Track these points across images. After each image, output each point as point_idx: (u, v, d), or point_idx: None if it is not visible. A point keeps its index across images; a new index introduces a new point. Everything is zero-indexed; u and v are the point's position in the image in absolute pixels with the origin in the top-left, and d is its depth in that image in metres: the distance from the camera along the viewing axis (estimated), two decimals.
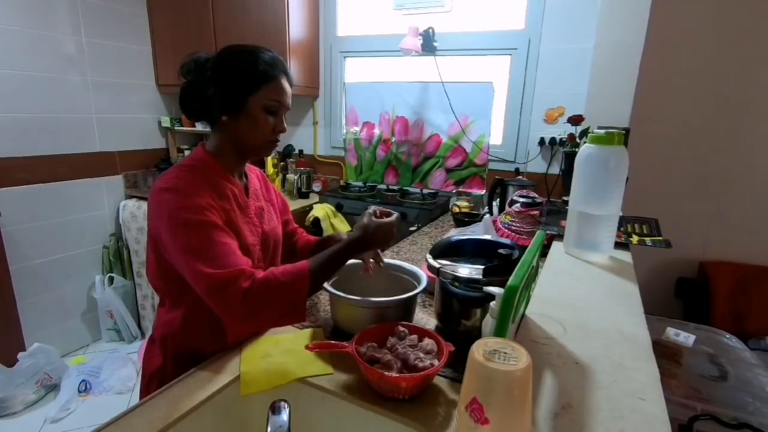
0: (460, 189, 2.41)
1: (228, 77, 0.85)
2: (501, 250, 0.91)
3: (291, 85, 0.92)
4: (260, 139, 0.89)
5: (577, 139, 1.96)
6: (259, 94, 0.86)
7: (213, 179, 0.87)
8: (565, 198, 1.95)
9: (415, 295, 0.89)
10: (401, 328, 0.80)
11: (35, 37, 2.14)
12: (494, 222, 1.45)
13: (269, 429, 0.50)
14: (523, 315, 0.91)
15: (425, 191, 2.49)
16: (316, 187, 2.75)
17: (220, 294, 0.74)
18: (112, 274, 2.57)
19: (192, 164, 0.87)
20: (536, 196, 1.50)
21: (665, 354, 1.44)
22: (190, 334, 0.87)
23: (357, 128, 2.69)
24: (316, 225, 2.32)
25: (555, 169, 2.23)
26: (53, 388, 2.13)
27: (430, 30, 2.30)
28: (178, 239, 0.77)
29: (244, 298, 0.74)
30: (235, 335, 0.88)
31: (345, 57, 2.67)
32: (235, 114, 0.87)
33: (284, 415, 0.51)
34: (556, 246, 1.35)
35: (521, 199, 1.44)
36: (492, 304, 0.71)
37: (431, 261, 0.91)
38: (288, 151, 2.80)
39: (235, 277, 0.74)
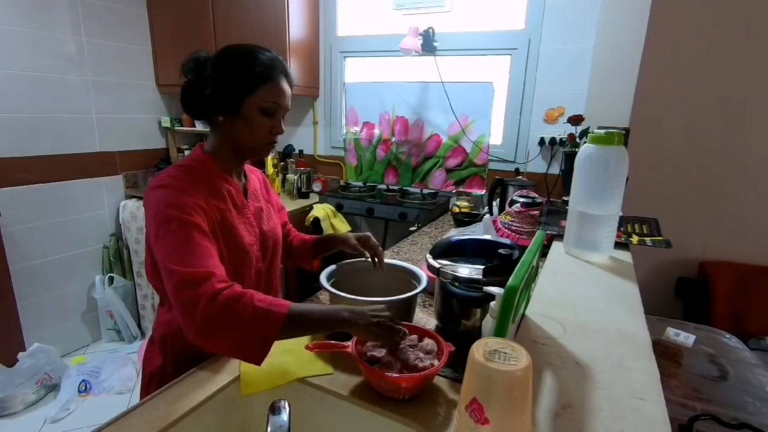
0: (460, 189, 2.41)
1: (224, 78, 0.85)
2: (501, 250, 0.91)
3: (291, 86, 0.91)
4: (256, 140, 0.88)
5: (577, 139, 1.96)
6: (256, 95, 0.85)
7: (209, 179, 0.87)
8: (565, 198, 1.95)
9: (415, 295, 0.89)
10: None
11: (35, 37, 2.14)
12: (494, 222, 1.45)
13: (269, 429, 0.50)
14: (523, 315, 0.91)
15: (425, 191, 2.49)
16: (316, 187, 2.75)
17: (187, 290, 0.68)
18: (112, 274, 2.57)
19: (189, 164, 0.87)
20: (536, 196, 1.50)
21: (665, 354, 1.44)
22: None
23: (357, 128, 2.68)
24: (316, 225, 2.32)
25: (555, 169, 2.22)
26: (53, 388, 2.13)
27: (430, 30, 2.30)
28: (158, 234, 0.75)
29: (212, 300, 0.67)
30: None
31: (345, 57, 2.67)
32: (231, 115, 0.86)
33: (284, 415, 0.51)
34: (556, 246, 1.35)
35: (521, 199, 1.44)
36: (492, 304, 0.71)
37: (431, 261, 0.91)
38: (288, 151, 2.80)
39: (206, 277, 0.69)
